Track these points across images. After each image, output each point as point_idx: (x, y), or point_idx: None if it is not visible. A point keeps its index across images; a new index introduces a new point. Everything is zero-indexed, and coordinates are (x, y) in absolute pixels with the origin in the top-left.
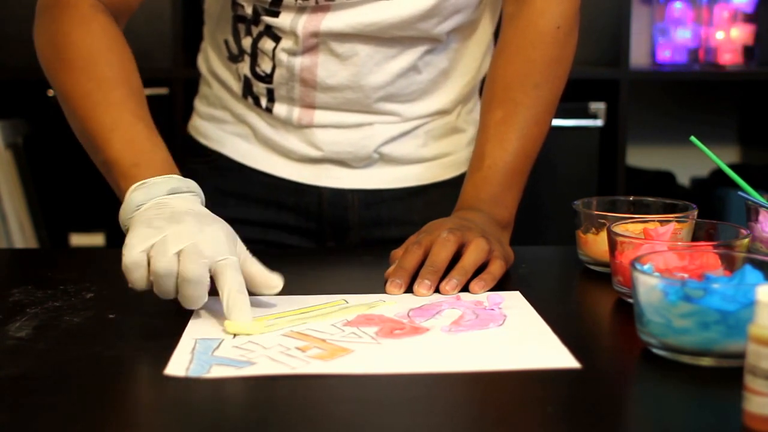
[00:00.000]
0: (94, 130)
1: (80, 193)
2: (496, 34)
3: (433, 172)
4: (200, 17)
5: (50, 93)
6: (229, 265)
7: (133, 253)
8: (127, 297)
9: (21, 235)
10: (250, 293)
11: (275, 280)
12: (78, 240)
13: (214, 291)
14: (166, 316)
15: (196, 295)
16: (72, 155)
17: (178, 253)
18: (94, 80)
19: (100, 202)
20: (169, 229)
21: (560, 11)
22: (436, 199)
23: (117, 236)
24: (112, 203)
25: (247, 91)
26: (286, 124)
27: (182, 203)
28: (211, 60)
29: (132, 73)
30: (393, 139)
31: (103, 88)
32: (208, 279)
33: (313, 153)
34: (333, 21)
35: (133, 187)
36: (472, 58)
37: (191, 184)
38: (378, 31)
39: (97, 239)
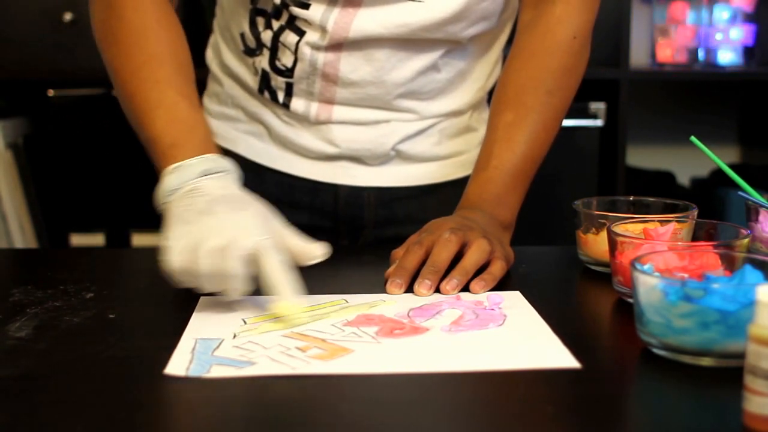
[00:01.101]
0: (139, 107)
1: (80, 193)
2: (506, 47)
3: (446, 171)
4: (201, 16)
5: (50, 93)
6: (265, 247)
7: (174, 260)
8: (127, 297)
9: (21, 235)
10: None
11: (314, 249)
12: (78, 240)
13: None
14: (166, 316)
15: (231, 288)
16: (72, 155)
17: (217, 250)
18: (142, 56)
19: (100, 202)
20: (202, 225)
21: (578, 22)
22: (449, 198)
23: (117, 236)
24: (112, 203)
25: (264, 86)
26: (303, 120)
27: (215, 187)
28: (223, 54)
29: (181, 47)
30: (409, 137)
31: (150, 65)
32: (243, 270)
33: (330, 150)
34: (364, 20)
35: (169, 169)
36: (486, 64)
37: (225, 164)
38: (408, 33)
39: (97, 239)
